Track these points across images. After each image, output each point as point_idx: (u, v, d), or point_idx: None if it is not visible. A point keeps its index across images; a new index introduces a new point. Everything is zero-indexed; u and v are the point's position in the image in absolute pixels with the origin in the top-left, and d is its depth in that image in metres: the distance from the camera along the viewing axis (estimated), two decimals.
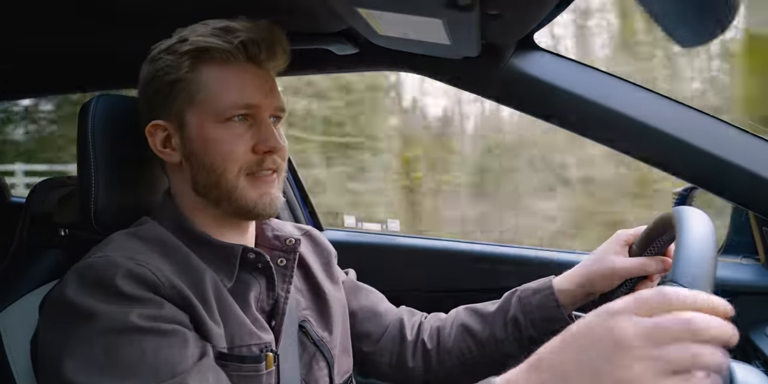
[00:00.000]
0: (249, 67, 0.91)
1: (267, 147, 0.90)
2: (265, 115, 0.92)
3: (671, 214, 0.83)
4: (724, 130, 1.06)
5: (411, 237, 1.80)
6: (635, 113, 1.06)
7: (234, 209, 0.92)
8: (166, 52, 0.91)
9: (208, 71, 0.90)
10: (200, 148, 0.90)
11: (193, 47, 0.89)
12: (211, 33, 0.89)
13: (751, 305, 1.26)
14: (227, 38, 0.89)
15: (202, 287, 0.86)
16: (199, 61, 0.90)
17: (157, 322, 0.76)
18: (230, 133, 0.89)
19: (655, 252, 0.97)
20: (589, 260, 1.04)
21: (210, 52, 0.89)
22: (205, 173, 0.91)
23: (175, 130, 0.92)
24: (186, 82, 0.90)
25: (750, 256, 1.36)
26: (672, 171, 1.09)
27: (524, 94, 1.13)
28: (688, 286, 0.65)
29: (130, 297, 0.77)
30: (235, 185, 0.90)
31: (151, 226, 0.93)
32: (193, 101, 0.90)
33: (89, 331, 0.74)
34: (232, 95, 0.89)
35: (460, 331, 1.12)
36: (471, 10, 0.73)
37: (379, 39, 0.99)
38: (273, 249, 1.01)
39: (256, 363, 0.87)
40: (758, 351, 1.12)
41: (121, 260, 0.80)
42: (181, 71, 0.90)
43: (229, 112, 0.89)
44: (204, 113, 0.90)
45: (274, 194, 0.94)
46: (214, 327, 0.84)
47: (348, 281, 1.19)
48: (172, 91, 0.91)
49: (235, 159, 0.89)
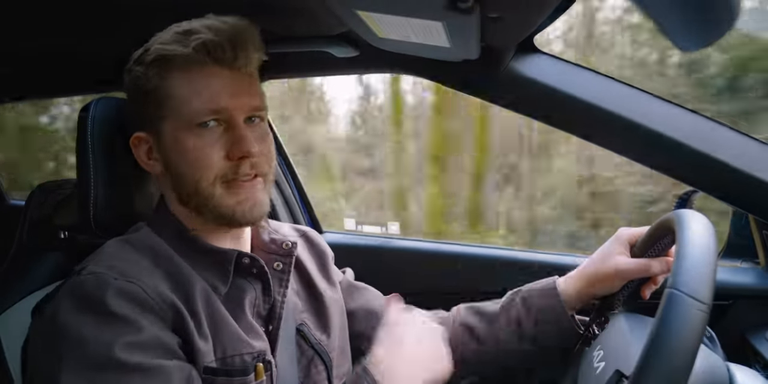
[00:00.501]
0: (215, 69, 0.88)
1: (240, 152, 0.87)
2: (238, 117, 0.88)
3: (672, 217, 0.83)
4: (724, 133, 1.06)
5: (411, 240, 1.79)
6: (635, 116, 1.06)
7: (214, 217, 0.91)
8: (136, 63, 0.91)
9: (173, 79, 0.88)
10: (176, 158, 0.89)
11: (154, 56, 0.88)
12: (171, 39, 0.87)
13: (751, 309, 1.26)
14: (185, 42, 0.86)
15: (192, 300, 0.85)
16: (163, 70, 0.88)
17: (142, 355, 0.75)
18: (202, 140, 0.87)
19: (657, 253, 0.97)
20: (592, 261, 1.04)
21: (171, 59, 0.87)
22: (183, 182, 0.90)
23: (154, 141, 0.92)
24: (154, 92, 0.88)
25: (750, 260, 1.36)
26: (672, 174, 1.09)
27: (524, 97, 1.13)
28: (689, 294, 0.65)
29: (120, 318, 0.77)
30: (212, 193, 0.88)
31: (145, 233, 0.93)
32: (163, 111, 0.88)
33: (75, 362, 0.74)
34: (198, 101, 0.86)
35: (462, 331, 1.11)
36: (471, 13, 0.73)
37: (378, 42, 0.99)
38: (269, 253, 1.01)
39: (244, 376, 0.86)
40: (758, 354, 1.12)
41: (110, 279, 0.80)
42: (150, 82, 0.88)
43: (198, 118, 0.87)
44: (175, 122, 0.88)
45: (257, 199, 0.91)
46: (201, 343, 0.83)
47: (345, 281, 1.19)
48: (145, 102, 0.90)
49: (208, 167, 0.87)
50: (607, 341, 0.90)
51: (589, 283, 1.03)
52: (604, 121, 1.07)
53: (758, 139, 1.05)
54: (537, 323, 1.05)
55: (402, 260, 1.72)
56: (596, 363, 0.86)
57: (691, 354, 0.64)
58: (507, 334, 1.07)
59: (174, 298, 0.82)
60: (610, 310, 1.02)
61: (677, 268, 0.69)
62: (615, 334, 0.90)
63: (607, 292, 1.03)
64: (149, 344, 0.77)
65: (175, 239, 0.92)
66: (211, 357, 0.84)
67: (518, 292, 1.10)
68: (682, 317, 0.64)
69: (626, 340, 0.84)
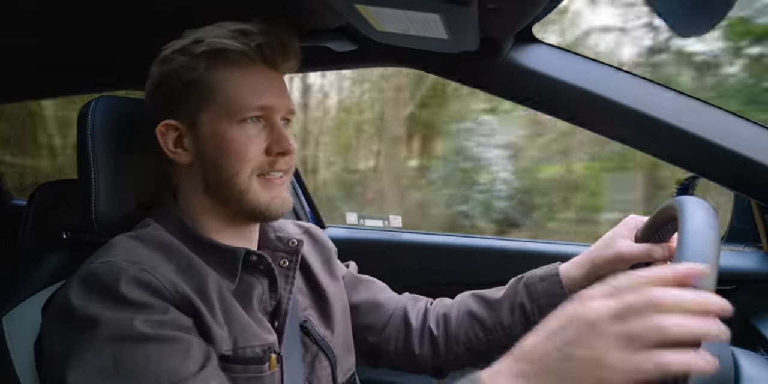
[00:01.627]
0: (264, 69, 0.92)
1: (280, 149, 0.91)
2: (277, 117, 0.93)
3: (673, 204, 0.83)
4: (725, 119, 1.06)
5: (413, 233, 1.80)
6: (635, 104, 1.06)
7: (245, 210, 0.93)
8: (180, 53, 0.91)
9: (224, 72, 0.90)
10: (213, 149, 0.91)
11: (209, 48, 0.89)
12: (228, 35, 0.90)
13: (754, 293, 1.27)
14: (244, 40, 0.89)
15: (206, 290, 0.86)
16: (215, 63, 0.90)
17: (160, 328, 0.76)
18: (244, 134, 0.90)
19: (660, 240, 0.97)
20: (595, 246, 1.04)
21: (226, 54, 0.89)
22: (217, 174, 0.91)
23: (187, 130, 0.92)
24: (201, 83, 0.90)
25: (753, 245, 1.37)
26: (673, 160, 1.09)
27: (524, 87, 1.13)
28: None
29: (133, 303, 0.77)
30: (248, 186, 0.91)
31: (154, 228, 0.93)
32: (208, 102, 0.90)
33: (92, 339, 0.74)
34: (247, 97, 0.90)
35: (467, 318, 1.12)
36: (469, 5, 0.73)
37: (377, 35, 0.99)
38: (275, 250, 1.02)
39: (260, 364, 0.87)
40: (762, 339, 1.12)
41: (124, 265, 0.80)
42: (196, 72, 0.90)
43: (244, 113, 0.90)
44: (219, 114, 0.90)
45: (285, 196, 0.95)
46: (218, 330, 0.84)
47: (348, 275, 1.19)
48: (186, 91, 0.91)
49: (249, 160, 0.90)
50: None
51: (592, 268, 1.03)
52: (604, 109, 1.07)
53: (759, 123, 1.05)
54: (540, 309, 1.05)
55: (405, 253, 1.73)
56: None
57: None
58: (511, 320, 1.08)
59: (187, 290, 0.83)
60: None
61: (679, 257, 0.69)
62: None
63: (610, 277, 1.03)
64: (168, 323, 0.78)
65: (182, 236, 0.92)
66: (228, 346, 0.85)
67: (521, 278, 1.11)
68: None
69: None
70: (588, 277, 1.04)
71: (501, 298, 1.11)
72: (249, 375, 0.85)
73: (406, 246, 1.74)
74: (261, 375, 0.86)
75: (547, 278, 1.07)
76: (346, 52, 1.19)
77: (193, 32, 0.93)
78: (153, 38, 0.94)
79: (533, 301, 1.06)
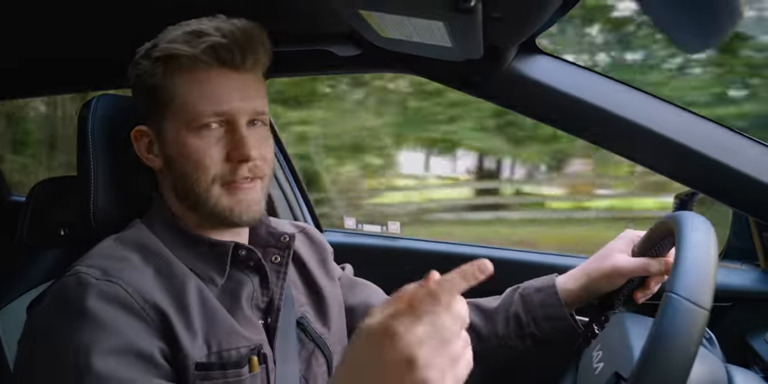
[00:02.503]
0: (222, 71, 0.88)
1: (240, 155, 0.88)
2: (241, 121, 0.89)
3: (672, 219, 0.82)
4: (725, 135, 1.06)
5: (411, 239, 1.79)
6: (636, 117, 1.06)
7: (210, 216, 0.91)
8: (143, 58, 0.91)
9: (179, 78, 0.88)
10: (176, 156, 0.90)
11: (162, 54, 0.88)
12: (180, 38, 0.87)
13: (750, 311, 1.26)
14: (194, 43, 0.86)
15: (184, 296, 0.85)
16: (169, 68, 0.88)
17: (120, 364, 0.76)
18: (203, 141, 0.88)
19: (657, 254, 0.97)
20: (592, 259, 1.04)
21: (179, 59, 0.87)
22: (182, 180, 0.90)
23: (155, 136, 0.92)
24: (159, 89, 0.89)
25: (750, 262, 1.36)
26: (673, 176, 1.09)
27: (525, 97, 1.13)
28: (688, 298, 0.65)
29: (100, 322, 0.77)
30: (210, 194, 0.89)
31: (137, 229, 0.93)
32: (167, 108, 0.89)
33: (56, 369, 0.76)
34: (203, 103, 0.87)
35: None
36: (473, 13, 0.73)
37: (381, 41, 0.99)
38: (267, 246, 1.01)
39: (238, 368, 0.86)
40: (757, 356, 1.12)
41: (91, 279, 0.80)
42: (154, 78, 0.89)
43: (201, 119, 0.87)
44: (178, 120, 0.89)
45: (252, 200, 0.92)
46: (188, 343, 0.83)
47: (344, 277, 1.19)
48: (149, 97, 0.90)
49: (208, 168, 0.88)
50: (606, 341, 0.91)
51: (588, 281, 1.03)
52: (604, 122, 1.07)
53: (759, 140, 1.05)
54: (535, 320, 1.05)
55: (402, 259, 1.72)
56: (595, 363, 0.86)
57: (689, 360, 0.63)
58: (506, 330, 1.08)
59: (159, 298, 0.83)
60: (610, 310, 1.02)
61: (676, 271, 0.68)
62: (615, 334, 0.90)
63: (607, 290, 1.03)
64: (126, 351, 0.77)
65: (170, 233, 0.92)
66: (203, 352, 0.84)
67: (517, 288, 1.11)
68: (681, 322, 0.64)
69: (626, 341, 0.84)
70: (584, 290, 1.04)
71: (496, 307, 1.10)
72: (228, 380, 0.85)
73: (403, 252, 1.74)
74: (240, 378, 0.86)
75: (543, 290, 1.06)
76: (349, 56, 1.19)
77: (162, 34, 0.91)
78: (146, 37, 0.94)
79: (528, 312, 1.06)
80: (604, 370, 0.82)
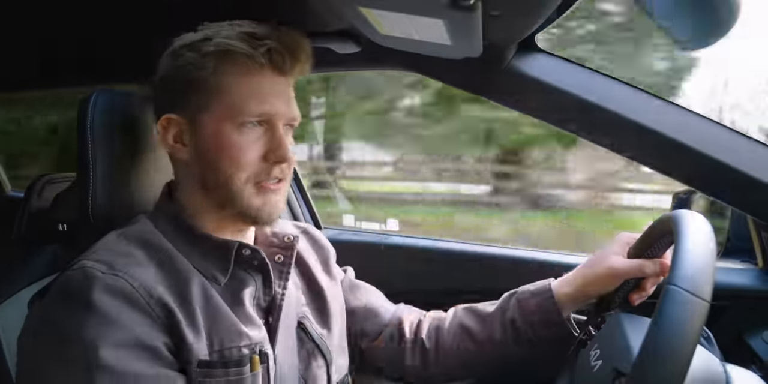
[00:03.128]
0: (271, 74, 0.90)
1: (277, 157, 0.90)
2: (279, 123, 0.91)
3: (670, 217, 0.83)
4: (724, 134, 1.06)
5: (409, 237, 1.79)
6: (635, 116, 1.06)
7: (236, 213, 0.92)
8: (189, 49, 0.90)
9: (230, 74, 0.89)
10: (212, 149, 0.90)
11: (217, 49, 0.88)
12: (237, 36, 0.89)
13: (748, 310, 1.26)
14: (254, 44, 0.88)
15: (187, 293, 0.86)
16: (222, 63, 0.89)
17: (127, 357, 0.77)
18: (244, 138, 0.89)
19: (653, 255, 0.97)
20: (588, 262, 1.04)
21: (234, 56, 0.88)
22: (213, 174, 0.90)
23: (188, 126, 0.92)
24: (206, 83, 0.89)
25: (749, 261, 1.36)
26: (672, 174, 1.09)
27: (525, 96, 1.13)
28: (688, 290, 0.65)
29: (105, 315, 0.77)
30: (242, 191, 0.90)
31: (142, 224, 0.93)
32: (212, 102, 0.89)
33: (59, 361, 0.77)
34: (251, 102, 0.89)
35: (459, 332, 1.12)
36: (473, 11, 0.73)
37: (380, 38, 0.99)
38: (270, 246, 1.01)
39: (240, 367, 0.86)
40: (755, 356, 1.12)
41: (97, 273, 0.80)
42: (202, 71, 0.89)
43: (245, 118, 0.89)
44: (220, 115, 0.89)
45: (279, 201, 0.94)
46: (193, 339, 0.83)
47: (346, 280, 1.19)
48: (191, 88, 0.90)
49: (245, 166, 0.89)
50: (603, 340, 0.91)
51: (583, 284, 1.03)
52: (604, 120, 1.07)
53: (757, 140, 1.05)
54: (532, 325, 1.05)
55: (400, 257, 1.72)
56: (593, 362, 0.86)
57: (689, 351, 0.63)
58: (503, 335, 1.08)
59: (163, 294, 0.83)
60: (606, 311, 1.02)
61: (676, 264, 0.69)
62: (612, 333, 0.90)
63: (603, 293, 1.03)
64: (132, 345, 0.78)
65: (175, 229, 0.92)
66: (205, 351, 0.84)
67: (514, 293, 1.11)
68: (681, 313, 0.64)
69: (623, 338, 0.84)
70: (580, 293, 1.04)
71: (493, 312, 1.11)
72: (229, 378, 0.85)
73: (401, 249, 1.74)
74: (242, 377, 0.86)
75: (539, 294, 1.07)
76: (349, 54, 1.19)
77: (205, 28, 0.92)
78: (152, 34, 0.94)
79: (525, 317, 1.06)
80: (603, 366, 0.82)
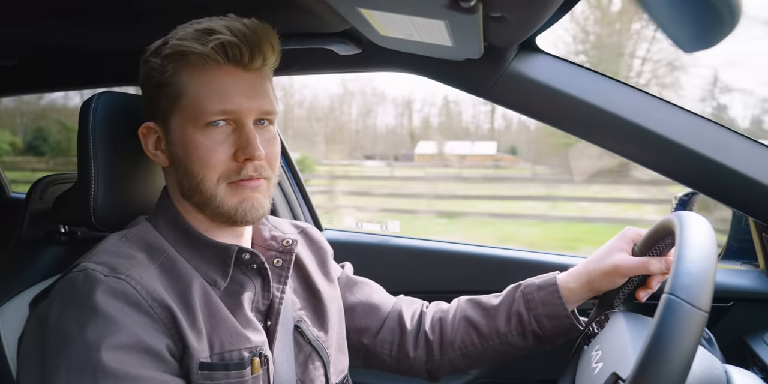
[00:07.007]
0: (231, 69, 0.88)
1: (246, 155, 0.87)
2: (247, 120, 0.89)
3: (672, 219, 0.83)
4: (725, 136, 1.06)
5: (410, 238, 1.79)
6: (637, 118, 1.06)
7: (215, 215, 0.91)
8: (153, 55, 0.91)
9: (187, 75, 0.88)
10: (182, 154, 0.89)
11: (172, 51, 0.88)
12: (191, 36, 0.87)
13: (749, 311, 1.27)
14: (204, 41, 0.86)
15: (189, 295, 0.86)
16: (179, 66, 0.88)
17: (129, 359, 0.76)
18: (210, 139, 0.88)
19: (658, 253, 0.97)
20: (593, 257, 1.04)
21: (188, 56, 0.87)
22: (187, 178, 0.90)
23: (163, 133, 0.92)
24: (168, 86, 0.89)
25: (749, 262, 1.36)
26: (673, 176, 1.09)
27: (525, 97, 1.13)
28: (687, 300, 0.65)
29: (108, 318, 0.77)
30: (215, 192, 0.89)
31: (142, 227, 0.93)
32: (175, 106, 0.89)
33: (60, 360, 0.76)
34: (210, 101, 0.87)
35: (463, 324, 1.12)
36: (473, 13, 0.73)
37: (381, 40, 0.99)
38: (269, 249, 1.01)
39: (241, 369, 0.86)
40: (756, 357, 1.12)
41: (100, 275, 0.80)
42: (164, 75, 0.89)
43: (207, 117, 0.87)
44: (185, 118, 0.88)
45: (257, 200, 0.91)
46: (194, 341, 0.83)
47: (343, 276, 1.19)
48: (158, 94, 0.90)
49: (214, 166, 0.88)
50: (605, 341, 0.91)
51: (589, 279, 1.03)
52: (604, 122, 1.07)
53: (759, 141, 1.05)
54: (536, 317, 1.06)
55: (401, 258, 1.72)
56: (594, 363, 0.86)
57: (687, 361, 0.63)
58: (507, 327, 1.08)
59: (166, 296, 0.83)
60: (610, 308, 1.02)
61: (676, 271, 0.68)
62: (614, 334, 0.90)
63: (607, 289, 1.03)
64: (134, 347, 0.78)
65: (175, 233, 0.92)
66: (207, 353, 0.84)
67: (518, 286, 1.11)
68: (679, 324, 0.64)
69: (624, 341, 0.84)
70: (585, 288, 1.04)
71: (498, 305, 1.11)
72: (230, 381, 0.85)
73: (402, 251, 1.74)
74: (243, 379, 0.86)
75: (544, 287, 1.06)
76: (350, 55, 1.19)
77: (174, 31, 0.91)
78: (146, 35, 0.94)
79: (530, 310, 1.06)
80: (603, 370, 0.82)
